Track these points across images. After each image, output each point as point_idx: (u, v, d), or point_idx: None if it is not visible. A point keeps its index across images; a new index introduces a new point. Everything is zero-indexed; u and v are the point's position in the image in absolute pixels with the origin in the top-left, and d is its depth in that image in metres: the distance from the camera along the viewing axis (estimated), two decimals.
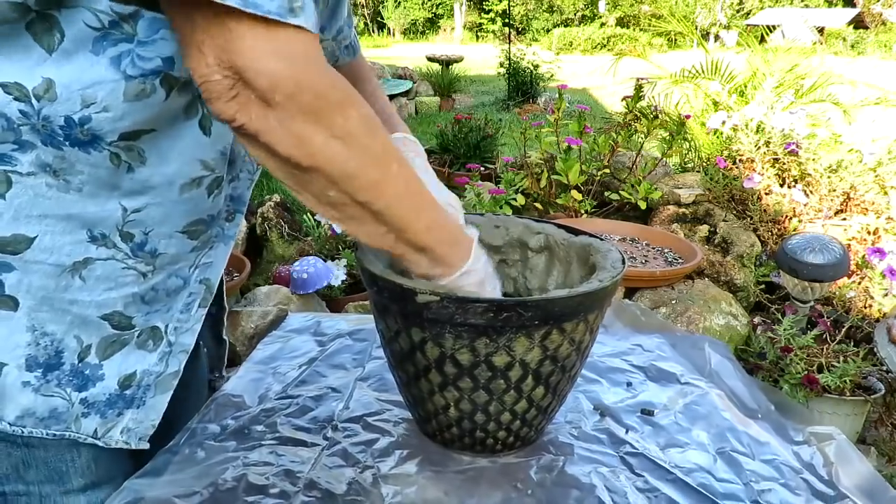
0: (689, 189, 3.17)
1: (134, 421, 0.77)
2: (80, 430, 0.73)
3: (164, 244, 0.73)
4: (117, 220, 0.68)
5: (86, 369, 0.72)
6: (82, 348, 0.71)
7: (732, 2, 22.36)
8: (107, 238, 0.69)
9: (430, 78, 8.79)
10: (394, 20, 25.98)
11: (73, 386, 0.72)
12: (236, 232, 0.83)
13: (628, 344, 1.16)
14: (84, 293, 0.70)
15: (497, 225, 0.95)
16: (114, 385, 0.74)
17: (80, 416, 0.73)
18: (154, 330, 0.76)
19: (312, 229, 2.79)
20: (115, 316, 0.72)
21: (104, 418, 0.74)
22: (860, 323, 2.28)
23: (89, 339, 0.72)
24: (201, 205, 0.74)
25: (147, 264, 0.72)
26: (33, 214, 0.65)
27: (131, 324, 0.74)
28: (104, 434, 0.75)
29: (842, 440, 0.89)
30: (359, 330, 1.18)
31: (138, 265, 0.72)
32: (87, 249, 0.68)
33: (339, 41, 0.93)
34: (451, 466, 0.80)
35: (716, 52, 4.74)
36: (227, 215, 0.81)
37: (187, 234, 0.75)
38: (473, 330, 0.70)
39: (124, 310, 0.73)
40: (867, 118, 4.05)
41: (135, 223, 0.70)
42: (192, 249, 0.77)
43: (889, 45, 19.19)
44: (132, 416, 0.76)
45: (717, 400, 0.98)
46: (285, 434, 0.85)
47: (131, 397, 0.76)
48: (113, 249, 0.70)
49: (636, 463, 0.82)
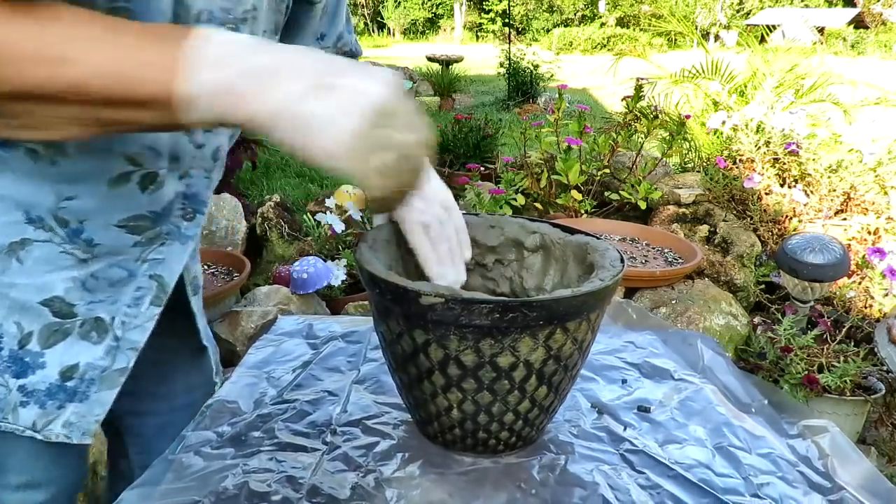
0: (689, 189, 3.17)
1: (76, 415, 0.75)
2: (17, 420, 0.71)
3: (101, 235, 0.71)
4: (51, 205, 0.67)
5: (26, 356, 0.71)
6: (23, 335, 0.70)
7: (732, 2, 22.36)
8: (43, 221, 0.68)
9: (430, 78, 8.79)
10: (394, 20, 25.98)
11: (10, 372, 0.70)
12: (197, 233, 0.81)
13: (621, 341, 1.16)
14: (22, 276, 0.68)
15: (492, 225, 0.95)
16: (55, 374, 0.72)
17: (17, 405, 0.71)
18: (98, 321, 0.74)
19: (312, 229, 2.79)
20: (56, 302, 0.71)
21: (43, 409, 0.72)
22: (860, 323, 2.28)
23: (30, 326, 0.70)
24: (136, 200, 0.72)
25: (84, 251, 0.71)
26: None
27: (73, 312, 0.72)
28: (44, 427, 0.73)
29: (835, 433, 0.90)
30: (352, 332, 1.18)
31: (76, 251, 0.70)
32: (25, 230, 0.67)
33: (339, 48, 0.91)
34: (453, 468, 0.80)
35: (716, 52, 4.74)
36: (184, 214, 0.78)
37: (126, 228, 0.72)
38: (478, 331, 0.70)
39: (65, 295, 0.71)
40: (867, 118, 4.05)
41: (68, 210, 0.68)
42: (136, 244, 0.74)
43: (889, 45, 19.19)
44: (74, 409, 0.75)
45: (712, 395, 0.99)
46: (284, 439, 0.85)
47: (73, 390, 0.74)
48: (50, 233, 0.68)
49: (636, 460, 0.83)
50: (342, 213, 2.67)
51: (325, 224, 2.63)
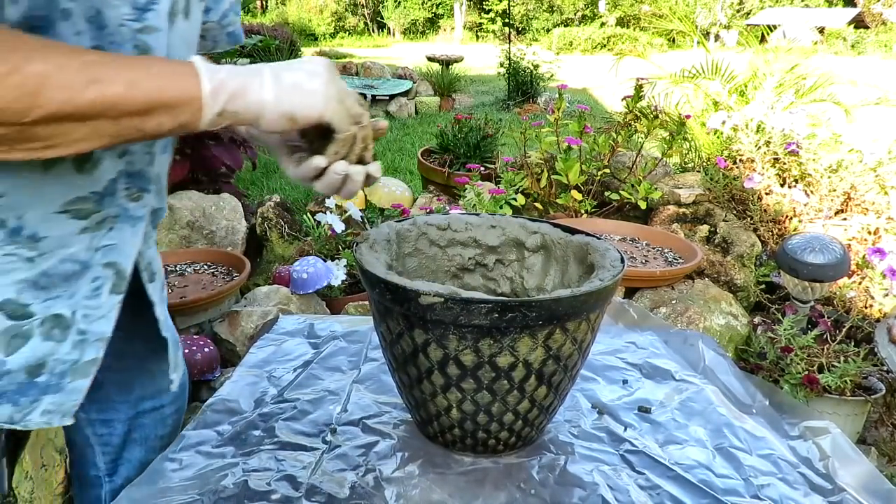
0: (689, 189, 3.17)
1: (54, 404, 0.75)
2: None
3: (44, 227, 0.69)
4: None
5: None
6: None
7: (733, 1, 22.35)
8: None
9: (430, 78, 8.78)
10: (394, 20, 25.97)
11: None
12: (145, 213, 0.79)
13: (622, 342, 1.16)
14: None
15: (493, 225, 0.95)
16: (21, 375, 0.72)
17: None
18: (58, 318, 0.73)
19: (312, 229, 2.79)
20: (9, 305, 0.70)
21: (17, 406, 0.72)
22: (861, 323, 2.28)
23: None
24: (74, 181, 0.70)
25: (31, 249, 0.69)
26: None
27: (29, 312, 0.71)
28: (21, 419, 0.73)
29: (836, 434, 0.90)
30: (352, 332, 1.18)
31: (20, 251, 0.69)
32: None
33: (223, 25, 0.91)
34: (453, 468, 0.80)
35: (716, 51, 4.74)
36: (129, 194, 0.76)
37: (68, 213, 0.71)
38: (477, 331, 0.70)
39: (17, 297, 0.70)
40: (867, 118, 4.05)
41: (4, 208, 0.67)
42: (83, 231, 0.73)
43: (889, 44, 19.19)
44: (51, 399, 0.74)
45: (712, 396, 0.99)
46: (284, 439, 0.85)
47: (45, 384, 0.74)
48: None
49: (636, 460, 0.83)
50: (342, 213, 2.67)
51: (325, 224, 2.63)
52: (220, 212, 2.92)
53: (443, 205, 3.21)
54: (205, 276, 2.46)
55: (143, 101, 0.59)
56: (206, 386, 1.98)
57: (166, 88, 0.60)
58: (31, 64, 0.54)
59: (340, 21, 25.00)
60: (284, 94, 0.64)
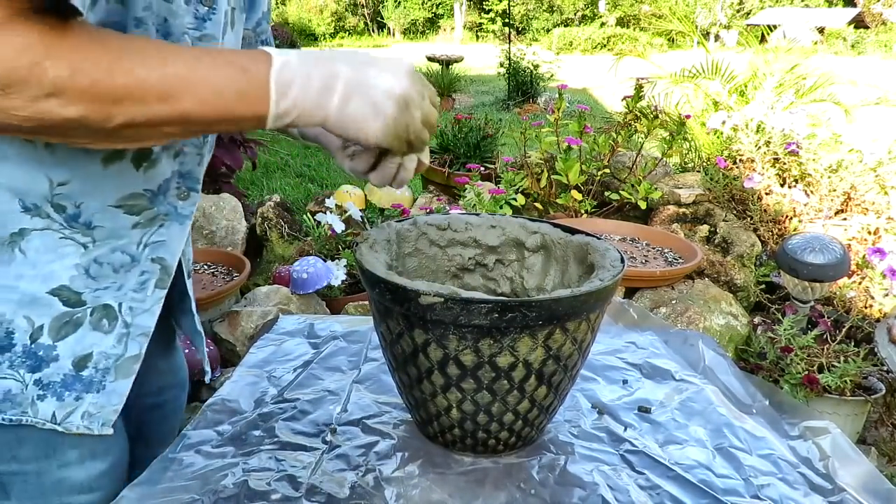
0: (689, 189, 3.17)
1: (94, 406, 0.76)
2: (37, 414, 0.72)
3: (99, 217, 0.72)
4: (45, 192, 0.68)
5: (39, 350, 0.72)
6: (34, 329, 0.71)
7: (732, 1, 22.36)
8: (39, 209, 0.69)
9: (430, 78, 8.77)
10: (394, 20, 25.98)
11: (26, 367, 0.71)
12: (193, 211, 0.82)
13: (622, 342, 1.16)
14: (27, 267, 0.69)
15: (493, 225, 0.95)
16: (68, 365, 0.73)
17: (35, 398, 0.72)
18: (107, 308, 0.75)
19: (312, 229, 2.79)
20: (64, 291, 0.72)
21: (61, 401, 0.73)
22: (860, 323, 2.28)
23: (40, 319, 0.71)
24: (131, 179, 0.73)
25: (84, 235, 0.72)
26: None
27: (81, 300, 0.73)
28: (63, 419, 0.74)
29: (836, 434, 0.90)
30: (353, 332, 1.18)
31: (75, 235, 0.71)
32: (22, 219, 0.68)
33: (257, 33, 0.95)
34: (453, 468, 0.80)
35: (716, 51, 4.74)
36: (179, 193, 0.79)
37: (123, 208, 0.74)
38: (477, 331, 0.70)
39: (71, 284, 0.72)
40: (867, 118, 4.05)
41: (63, 196, 0.69)
42: (135, 226, 0.76)
43: (889, 44, 19.20)
44: (92, 400, 0.75)
45: (713, 396, 0.99)
46: (284, 438, 0.85)
47: (89, 380, 0.75)
48: (48, 220, 0.69)
49: (636, 461, 0.83)
50: (342, 213, 2.67)
51: (325, 224, 2.63)
52: (220, 212, 2.92)
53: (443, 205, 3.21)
54: (205, 276, 2.46)
55: (213, 118, 0.62)
56: (205, 386, 1.98)
57: (235, 109, 0.62)
58: (115, 77, 0.57)
59: (340, 21, 25.01)
60: (348, 122, 0.65)
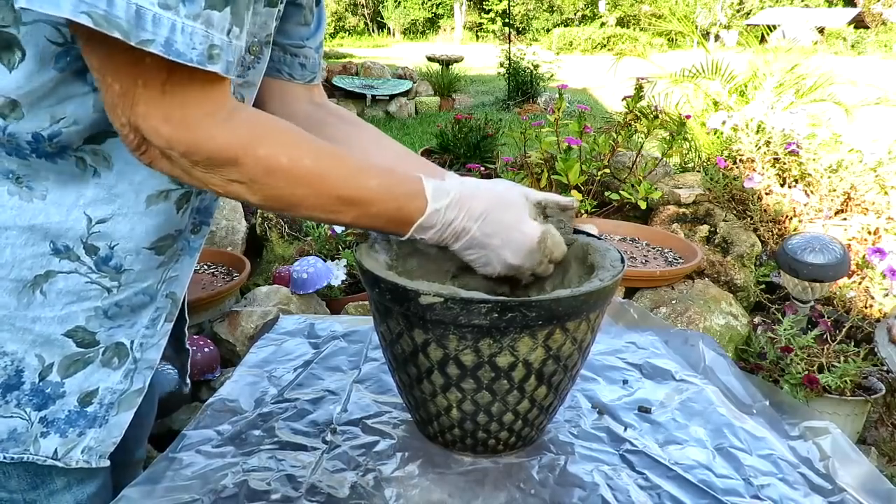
0: (689, 189, 3.17)
1: (96, 440, 0.75)
2: (38, 451, 0.71)
3: (130, 260, 0.71)
4: (81, 231, 0.67)
5: (47, 388, 0.70)
6: (43, 367, 0.70)
7: (732, 2, 22.36)
8: (70, 251, 0.67)
9: (430, 78, 8.78)
10: (394, 20, 25.98)
11: (32, 405, 0.70)
12: (202, 243, 0.82)
13: (622, 342, 1.16)
14: (45, 309, 0.68)
15: None
16: (73, 402, 0.72)
17: (38, 436, 0.71)
18: (119, 346, 0.75)
19: (312, 229, 2.79)
20: (79, 332, 0.71)
21: (64, 437, 0.73)
22: (860, 323, 2.28)
23: (51, 358, 0.70)
24: (170, 220, 0.73)
25: (112, 279, 0.71)
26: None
27: (95, 340, 0.72)
28: (64, 455, 0.73)
29: (836, 434, 0.89)
30: (353, 332, 1.17)
31: (102, 280, 0.70)
32: (50, 262, 0.67)
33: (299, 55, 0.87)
34: (453, 468, 0.80)
35: (716, 51, 4.74)
36: (193, 227, 0.79)
37: (154, 250, 0.73)
38: (477, 331, 0.70)
39: (86, 324, 0.71)
40: (867, 118, 4.05)
41: (100, 235, 0.68)
42: (160, 265, 0.75)
43: (889, 44, 19.20)
44: (94, 435, 0.75)
45: (713, 396, 0.99)
46: (284, 438, 0.85)
47: (93, 416, 0.74)
48: (76, 262, 0.68)
49: (636, 461, 0.82)
50: None
51: (325, 224, 2.63)
52: (220, 212, 2.92)
53: None
54: (205, 276, 2.46)
55: (366, 225, 0.70)
56: (206, 386, 1.98)
57: (387, 227, 0.70)
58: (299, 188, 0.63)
59: (340, 21, 25.01)
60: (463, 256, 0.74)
